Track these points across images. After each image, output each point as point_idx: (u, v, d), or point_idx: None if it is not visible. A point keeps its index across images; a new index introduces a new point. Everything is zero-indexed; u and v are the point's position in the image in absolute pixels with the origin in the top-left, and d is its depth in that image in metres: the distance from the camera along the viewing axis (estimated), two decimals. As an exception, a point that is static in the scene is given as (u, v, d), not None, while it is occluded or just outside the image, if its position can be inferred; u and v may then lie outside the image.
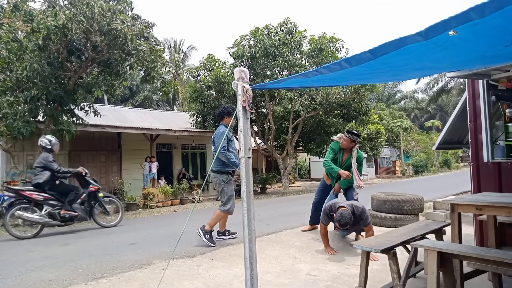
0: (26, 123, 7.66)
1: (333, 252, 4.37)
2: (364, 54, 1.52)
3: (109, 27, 7.35)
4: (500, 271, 2.55)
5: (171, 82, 10.10)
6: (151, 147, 13.69)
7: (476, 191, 3.88)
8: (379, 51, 1.45)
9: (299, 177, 24.75)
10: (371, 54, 1.50)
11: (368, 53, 1.50)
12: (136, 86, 29.77)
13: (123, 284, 3.60)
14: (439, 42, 1.37)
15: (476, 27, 1.21)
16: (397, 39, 1.35)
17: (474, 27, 1.22)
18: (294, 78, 2.01)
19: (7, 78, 8.04)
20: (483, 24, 1.20)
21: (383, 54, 1.47)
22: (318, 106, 13.73)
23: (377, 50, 1.45)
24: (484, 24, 1.20)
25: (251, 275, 2.08)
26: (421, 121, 40.51)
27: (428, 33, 1.26)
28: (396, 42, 1.37)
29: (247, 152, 2.13)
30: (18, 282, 3.84)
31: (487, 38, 1.46)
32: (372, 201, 6.42)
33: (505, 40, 1.54)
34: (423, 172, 24.36)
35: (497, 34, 1.38)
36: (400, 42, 1.36)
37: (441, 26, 1.22)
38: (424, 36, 1.29)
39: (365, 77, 2.24)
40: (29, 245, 5.92)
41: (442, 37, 1.29)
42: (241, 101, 2.09)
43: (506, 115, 3.80)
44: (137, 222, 8.33)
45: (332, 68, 1.73)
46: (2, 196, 8.53)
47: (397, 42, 1.36)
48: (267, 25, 13.27)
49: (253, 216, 2.13)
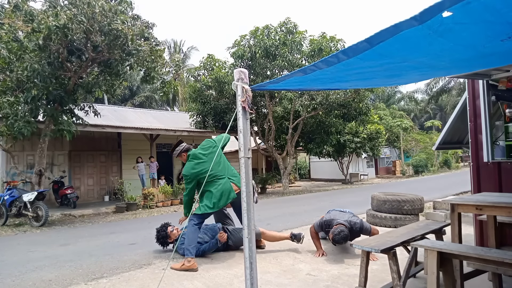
0: (27, 123, 7.66)
1: (320, 254, 4.36)
2: (360, 43, 1.52)
3: (110, 27, 7.35)
4: (500, 271, 2.55)
5: (171, 83, 10.10)
6: (151, 147, 13.69)
7: (476, 191, 3.88)
8: (375, 39, 1.46)
9: (299, 177, 24.76)
10: (368, 43, 1.50)
11: (364, 42, 1.50)
12: (136, 86, 29.77)
13: (123, 284, 3.60)
14: (434, 27, 1.38)
15: (469, 6, 1.22)
16: (392, 25, 1.37)
17: (468, 6, 1.23)
18: (293, 76, 2.00)
19: (7, 78, 8.04)
20: (476, 3, 1.21)
21: (379, 42, 1.47)
22: (318, 106, 13.73)
23: (373, 38, 1.46)
24: (477, 3, 1.22)
25: (251, 275, 2.08)
26: (421, 121, 40.49)
27: (422, 16, 1.28)
28: (392, 29, 1.37)
29: (246, 152, 2.13)
30: (18, 282, 3.85)
31: (482, 25, 1.46)
32: (372, 201, 6.43)
33: (502, 33, 1.54)
34: (423, 172, 24.35)
35: (492, 20, 1.39)
36: (395, 28, 1.37)
37: (436, 8, 1.23)
38: (419, 20, 1.30)
39: (364, 76, 2.23)
40: (29, 245, 5.93)
41: (437, 20, 1.30)
42: (240, 102, 2.10)
43: (506, 115, 3.80)
44: (137, 222, 8.34)
45: (330, 62, 1.73)
46: (2, 196, 8.57)
47: (392, 28, 1.37)
48: (267, 25, 13.27)
49: (253, 216, 2.13)
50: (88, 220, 9.00)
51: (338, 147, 17.64)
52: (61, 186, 11.25)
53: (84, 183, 13.24)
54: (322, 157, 18.50)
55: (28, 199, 8.10)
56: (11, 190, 8.69)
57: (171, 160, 15.90)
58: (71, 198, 10.61)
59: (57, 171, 12.30)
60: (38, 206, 8.05)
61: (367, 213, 6.50)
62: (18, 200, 8.33)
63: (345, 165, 20.23)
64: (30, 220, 8.07)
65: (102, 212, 10.39)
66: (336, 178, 21.34)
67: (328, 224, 4.23)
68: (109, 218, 9.23)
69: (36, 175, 8.87)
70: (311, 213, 8.19)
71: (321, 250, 4.40)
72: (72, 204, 10.56)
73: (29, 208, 8.07)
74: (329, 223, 4.22)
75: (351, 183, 19.45)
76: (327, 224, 4.25)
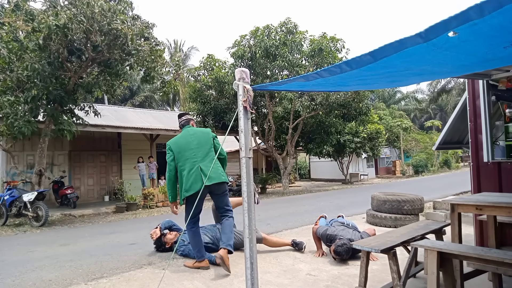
0: (27, 123, 7.66)
1: (320, 254, 4.37)
2: (364, 56, 1.51)
3: (110, 27, 7.35)
4: (500, 271, 2.55)
5: (171, 82, 10.10)
6: (151, 147, 13.69)
7: (476, 191, 3.88)
8: (379, 54, 1.45)
9: (299, 177, 24.76)
10: (371, 57, 1.49)
11: (368, 55, 1.49)
12: (136, 87, 29.78)
13: (123, 284, 3.60)
14: (439, 44, 1.37)
15: (475, 27, 1.21)
16: (396, 41, 1.35)
17: (474, 27, 1.21)
18: (295, 81, 2.00)
19: (7, 78, 8.04)
20: (482, 24, 1.20)
21: (383, 57, 1.46)
22: (318, 106, 13.73)
23: (377, 52, 1.45)
24: (483, 24, 1.20)
25: (251, 275, 2.08)
26: (421, 121, 40.49)
27: (428, 34, 1.25)
28: (396, 45, 1.36)
29: (247, 152, 2.13)
30: (18, 282, 3.84)
31: (487, 39, 1.45)
32: (372, 201, 6.43)
33: (505, 41, 1.53)
34: (423, 172, 24.36)
35: (496, 34, 1.38)
36: (400, 45, 1.35)
37: (441, 27, 1.21)
38: (424, 38, 1.28)
39: (366, 82, 2.23)
40: (29, 245, 5.92)
41: (442, 38, 1.28)
42: (242, 101, 2.09)
43: (506, 115, 3.80)
44: (137, 222, 8.34)
45: (332, 71, 1.73)
46: (2, 196, 8.57)
47: (397, 44, 1.36)
48: (267, 25, 13.26)
49: (253, 216, 2.13)
50: (88, 220, 9.00)
51: (338, 147, 17.64)
52: (61, 186, 11.26)
53: (84, 183, 13.24)
54: (322, 157, 18.50)
55: (28, 199, 8.10)
56: (11, 190, 8.69)
57: (171, 160, 15.90)
58: (71, 198, 10.62)
59: (57, 171, 12.31)
60: (38, 206, 8.05)
61: (367, 213, 6.50)
62: (18, 200, 8.33)
63: (345, 165, 20.23)
64: (30, 220, 8.07)
65: (102, 212, 10.39)
66: (336, 178, 21.34)
67: (330, 239, 4.26)
68: (109, 218, 9.23)
69: (36, 175, 8.87)
70: (311, 213, 8.18)
71: (321, 250, 4.40)
72: (72, 204, 10.56)
73: (29, 208, 8.07)
74: (332, 238, 4.23)
75: (351, 183, 19.45)
76: (330, 239, 4.27)
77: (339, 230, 4.31)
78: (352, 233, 4.28)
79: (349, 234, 4.23)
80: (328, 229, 4.36)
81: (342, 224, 4.55)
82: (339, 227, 4.45)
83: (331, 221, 4.77)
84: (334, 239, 4.17)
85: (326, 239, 4.31)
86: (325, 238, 4.32)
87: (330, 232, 4.29)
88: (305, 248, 4.57)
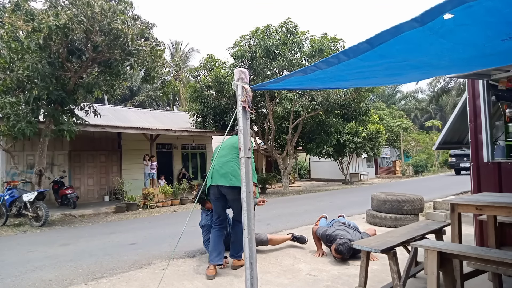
0: (29, 124, 7.66)
1: (320, 254, 4.37)
2: (361, 44, 1.52)
3: (110, 27, 7.35)
4: (500, 271, 2.55)
5: (171, 83, 10.11)
6: (151, 147, 13.69)
7: (476, 191, 3.88)
8: (376, 40, 1.46)
9: (299, 177, 24.75)
10: (368, 44, 1.50)
11: (365, 43, 1.50)
12: (136, 87, 29.77)
13: (123, 284, 3.60)
14: (435, 28, 1.37)
15: (471, 9, 1.22)
16: (393, 27, 1.36)
17: (469, 9, 1.22)
18: (293, 76, 2.00)
19: (8, 78, 8.04)
20: (478, 6, 1.20)
21: (380, 43, 1.47)
22: (319, 106, 13.73)
23: (374, 39, 1.46)
24: (479, 6, 1.21)
25: (251, 275, 2.08)
26: (421, 121, 40.48)
27: (423, 18, 1.27)
28: (393, 30, 1.37)
29: (246, 152, 2.13)
30: (18, 282, 3.85)
31: (484, 25, 1.45)
32: (372, 201, 6.43)
33: (502, 33, 1.54)
34: (423, 172, 24.36)
35: (493, 20, 1.38)
36: (397, 30, 1.36)
37: (437, 10, 1.22)
38: (420, 22, 1.29)
39: (364, 75, 2.23)
40: (29, 245, 5.93)
41: (438, 21, 1.29)
42: (241, 102, 2.10)
43: (506, 115, 3.80)
44: (137, 222, 8.34)
45: (330, 62, 1.73)
46: (2, 196, 8.57)
47: (393, 29, 1.37)
48: (267, 25, 13.26)
49: (253, 216, 2.13)
50: (88, 220, 9.00)
51: (338, 147, 17.64)
52: (61, 186, 11.25)
53: (84, 183, 13.24)
54: (322, 157, 18.49)
55: (28, 199, 8.10)
56: (11, 190, 8.69)
57: (171, 160, 15.92)
58: (71, 198, 10.61)
59: (57, 171, 12.30)
60: (38, 206, 8.05)
61: (367, 213, 6.50)
62: (18, 200, 8.33)
63: (345, 165, 20.22)
64: (30, 220, 8.07)
65: (102, 212, 10.39)
66: (336, 178, 21.34)
67: (330, 239, 4.26)
68: (109, 218, 9.23)
69: (36, 175, 8.87)
70: (311, 213, 8.18)
71: (321, 250, 4.41)
72: (72, 204, 10.56)
73: (29, 208, 8.07)
74: (332, 238, 4.23)
75: (351, 183, 19.45)
76: (330, 239, 4.27)
77: (339, 230, 4.31)
78: (353, 233, 4.28)
79: (349, 234, 4.23)
80: (328, 229, 4.37)
81: (343, 224, 4.55)
82: (339, 227, 4.45)
83: (332, 221, 4.77)
84: (334, 239, 4.18)
85: (326, 239, 4.31)
86: (325, 238, 4.32)
87: (330, 232, 4.30)
88: (307, 242, 4.56)
